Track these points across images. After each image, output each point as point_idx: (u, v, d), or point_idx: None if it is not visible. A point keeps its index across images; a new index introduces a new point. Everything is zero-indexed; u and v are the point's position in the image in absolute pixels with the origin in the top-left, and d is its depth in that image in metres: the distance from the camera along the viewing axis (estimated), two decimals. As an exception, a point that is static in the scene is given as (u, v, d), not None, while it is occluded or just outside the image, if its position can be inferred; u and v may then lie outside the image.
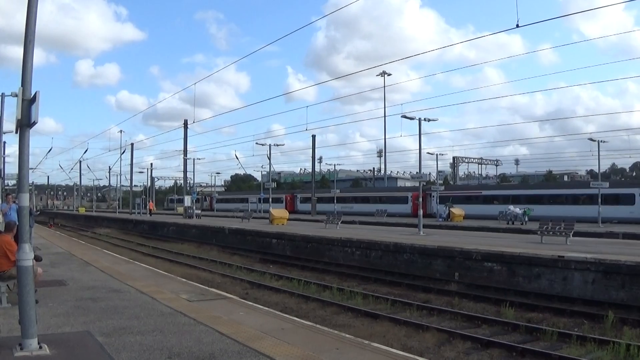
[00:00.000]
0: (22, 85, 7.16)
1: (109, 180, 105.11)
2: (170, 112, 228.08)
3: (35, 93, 7.15)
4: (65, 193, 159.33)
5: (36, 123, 7.21)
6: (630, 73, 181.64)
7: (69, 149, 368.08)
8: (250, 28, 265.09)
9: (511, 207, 46.12)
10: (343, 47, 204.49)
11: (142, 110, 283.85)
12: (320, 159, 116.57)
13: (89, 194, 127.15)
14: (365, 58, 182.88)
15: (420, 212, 31.52)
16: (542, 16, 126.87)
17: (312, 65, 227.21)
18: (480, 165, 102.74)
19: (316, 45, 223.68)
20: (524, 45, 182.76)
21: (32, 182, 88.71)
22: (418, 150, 33.15)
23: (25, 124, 7.20)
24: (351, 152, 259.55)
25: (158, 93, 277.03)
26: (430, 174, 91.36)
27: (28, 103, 7.12)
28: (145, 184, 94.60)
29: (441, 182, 76.36)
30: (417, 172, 37.19)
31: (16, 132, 7.49)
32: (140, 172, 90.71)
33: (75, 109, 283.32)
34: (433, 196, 59.04)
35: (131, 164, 77.43)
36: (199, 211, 62.11)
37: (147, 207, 72.67)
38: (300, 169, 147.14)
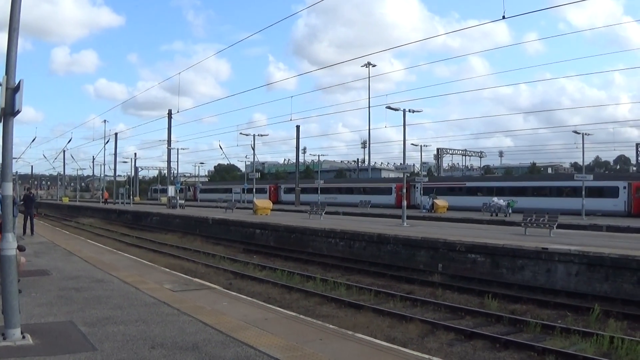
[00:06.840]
0: (6, 74, 7.14)
1: (93, 170, 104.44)
2: (150, 100, 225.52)
3: (19, 81, 7.11)
4: (49, 183, 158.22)
5: (20, 112, 7.19)
6: (617, 64, 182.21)
7: (51, 139, 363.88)
8: (229, 15, 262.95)
9: (495, 198, 46.34)
10: (324, 34, 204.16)
11: (125, 100, 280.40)
12: (304, 149, 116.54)
13: (72, 184, 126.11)
14: (347, 46, 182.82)
15: (404, 203, 31.59)
16: (528, 3, 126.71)
17: (293, 53, 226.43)
18: (464, 157, 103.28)
19: (297, 33, 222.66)
20: (510, 34, 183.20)
21: (16, 172, 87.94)
22: (402, 141, 33.17)
23: (9, 112, 7.17)
24: (334, 143, 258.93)
25: (137, 81, 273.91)
26: (414, 165, 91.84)
27: (12, 92, 7.09)
28: (129, 173, 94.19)
29: (425, 173, 76.59)
30: (401, 164, 37.25)
31: (0, 121, 7.45)
32: (124, 162, 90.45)
33: (53, 98, 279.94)
34: (417, 187, 59.16)
35: (115, 154, 77.09)
36: (183, 201, 61.81)
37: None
38: (284, 159, 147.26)
